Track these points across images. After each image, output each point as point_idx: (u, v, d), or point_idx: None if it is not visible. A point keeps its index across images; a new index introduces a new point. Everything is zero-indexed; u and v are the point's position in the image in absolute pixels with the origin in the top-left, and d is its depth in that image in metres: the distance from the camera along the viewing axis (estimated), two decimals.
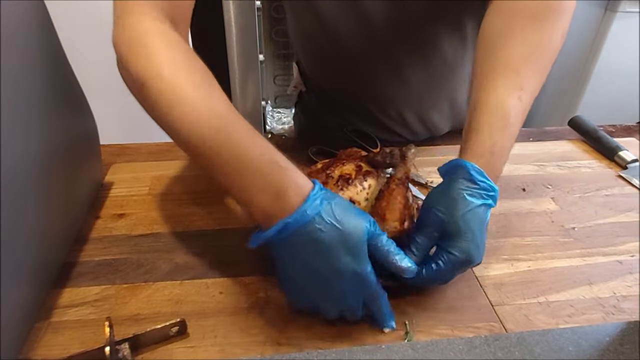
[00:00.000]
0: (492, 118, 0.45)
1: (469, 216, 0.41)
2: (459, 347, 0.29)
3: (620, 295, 0.46)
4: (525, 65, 0.46)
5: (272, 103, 1.92)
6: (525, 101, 0.46)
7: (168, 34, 0.43)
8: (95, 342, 0.38)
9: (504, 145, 0.45)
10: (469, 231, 0.41)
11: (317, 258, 0.37)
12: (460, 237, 0.41)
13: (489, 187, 0.43)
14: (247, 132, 0.41)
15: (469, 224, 0.41)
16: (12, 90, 0.39)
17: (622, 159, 0.67)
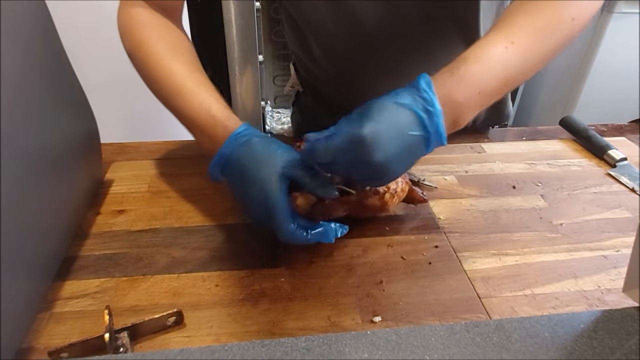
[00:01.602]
0: (468, 54, 0.43)
1: (386, 106, 0.39)
2: (441, 333, 0.30)
3: (604, 288, 0.48)
4: (521, 26, 0.45)
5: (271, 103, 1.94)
6: (511, 53, 0.43)
7: (153, 19, 0.56)
8: (95, 332, 0.40)
9: (470, 74, 0.42)
10: (375, 113, 0.38)
11: (242, 184, 0.46)
12: (362, 114, 0.39)
13: (428, 99, 0.39)
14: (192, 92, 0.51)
15: (380, 109, 0.38)
16: (13, 89, 0.41)
17: (611, 157, 0.68)
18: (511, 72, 0.44)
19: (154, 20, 0.56)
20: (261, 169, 0.44)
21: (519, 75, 0.45)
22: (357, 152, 0.39)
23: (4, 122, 0.38)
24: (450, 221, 0.57)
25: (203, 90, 0.51)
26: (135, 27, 0.55)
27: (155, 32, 0.55)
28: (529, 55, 0.45)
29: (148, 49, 0.54)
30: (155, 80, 0.53)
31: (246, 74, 1.61)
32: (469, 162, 0.69)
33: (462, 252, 0.52)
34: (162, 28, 0.56)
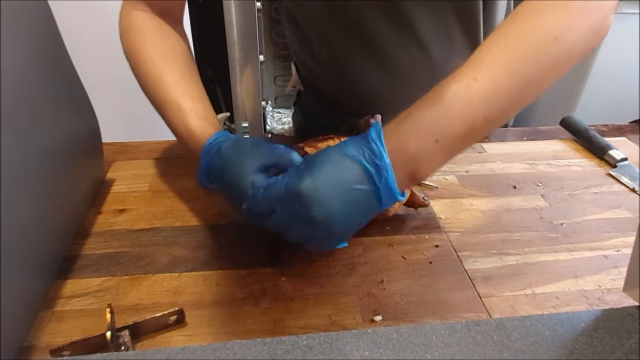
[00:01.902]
0: (425, 96, 0.39)
1: (332, 158, 0.36)
2: (441, 331, 0.30)
3: (604, 287, 0.48)
4: (491, 59, 0.39)
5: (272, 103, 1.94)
6: (475, 90, 0.37)
7: (150, 23, 0.56)
8: (96, 330, 0.40)
9: (423, 121, 0.38)
10: (318, 165, 0.36)
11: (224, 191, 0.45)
12: (307, 166, 0.37)
13: (377, 152, 0.36)
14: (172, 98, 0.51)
15: (324, 161, 0.36)
16: (15, 88, 0.41)
17: (611, 157, 0.69)
18: (476, 113, 0.37)
19: (151, 25, 0.56)
20: (233, 176, 0.42)
21: (491, 115, 0.38)
22: (296, 206, 0.36)
23: (6, 121, 0.38)
24: (450, 221, 0.57)
25: (186, 101, 0.51)
26: (133, 30, 0.56)
27: (150, 37, 0.55)
28: (501, 91, 0.38)
29: (142, 54, 0.54)
30: (145, 87, 0.54)
31: (247, 74, 1.61)
32: (469, 161, 0.70)
33: (463, 252, 0.52)
34: (159, 33, 0.56)
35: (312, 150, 0.49)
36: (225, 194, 0.46)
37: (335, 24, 0.63)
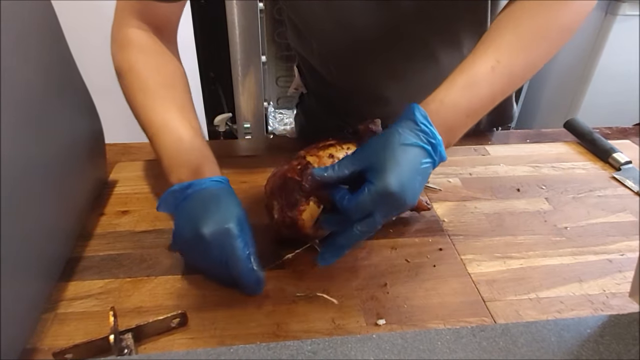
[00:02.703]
0: (457, 76, 0.46)
1: (398, 151, 0.42)
2: (447, 337, 0.30)
3: (609, 292, 0.47)
4: (508, 43, 0.46)
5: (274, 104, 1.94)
6: (498, 72, 0.45)
7: (144, 41, 0.55)
8: (99, 333, 0.40)
9: (459, 102, 0.45)
10: (394, 164, 0.41)
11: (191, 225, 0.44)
12: (383, 168, 0.41)
13: (429, 132, 0.43)
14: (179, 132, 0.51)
15: (396, 157, 0.41)
16: (19, 90, 0.41)
17: (615, 160, 0.68)
18: (496, 89, 0.46)
19: (150, 46, 0.55)
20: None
21: (508, 89, 0.47)
22: (391, 204, 0.42)
23: (10, 122, 0.38)
24: (454, 224, 0.57)
25: (187, 130, 0.52)
26: (130, 47, 0.55)
27: (151, 59, 0.55)
28: (516, 69, 0.47)
29: (138, 79, 0.53)
30: (140, 108, 0.53)
31: (249, 74, 1.61)
32: (473, 164, 0.69)
33: (467, 255, 0.52)
34: (158, 57, 0.56)
35: (314, 159, 0.48)
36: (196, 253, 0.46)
37: (332, 24, 0.63)
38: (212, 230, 0.43)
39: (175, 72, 0.56)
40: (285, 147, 0.74)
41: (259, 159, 0.71)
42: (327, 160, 0.48)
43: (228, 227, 0.43)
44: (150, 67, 0.54)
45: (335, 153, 0.49)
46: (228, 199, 0.47)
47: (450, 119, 0.45)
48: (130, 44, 0.54)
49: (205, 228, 0.43)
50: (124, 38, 0.55)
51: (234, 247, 0.43)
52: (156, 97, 0.53)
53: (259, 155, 0.73)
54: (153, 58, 0.55)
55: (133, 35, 0.55)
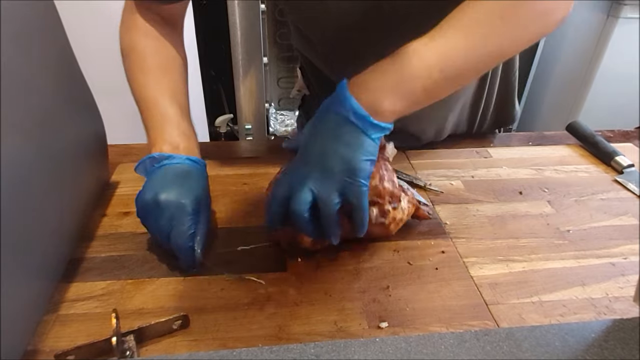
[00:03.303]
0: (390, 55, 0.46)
1: (312, 121, 0.46)
2: (450, 341, 0.30)
3: (612, 296, 0.47)
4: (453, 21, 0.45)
5: (275, 105, 1.94)
6: (431, 47, 0.44)
7: (148, 26, 0.59)
8: (101, 335, 0.40)
9: (380, 65, 0.45)
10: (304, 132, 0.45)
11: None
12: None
13: (340, 94, 0.44)
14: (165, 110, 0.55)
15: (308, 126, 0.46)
16: (22, 90, 0.41)
17: (618, 163, 0.68)
18: (431, 65, 0.44)
19: (152, 32, 0.59)
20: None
21: (447, 68, 0.44)
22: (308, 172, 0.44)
23: (13, 123, 0.38)
24: (456, 226, 0.57)
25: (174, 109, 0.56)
26: (135, 31, 0.59)
27: (151, 42, 0.59)
28: (456, 48, 0.44)
29: (139, 58, 0.58)
30: (135, 86, 0.58)
31: (250, 75, 1.61)
32: (475, 167, 0.69)
33: (469, 258, 0.52)
34: (158, 42, 0.59)
35: None
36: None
37: (332, 24, 0.63)
38: (167, 199, 0.47)
39: (173, 57, 0.60)
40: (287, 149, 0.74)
41: (260, 160, 0.70)
42: None
43: (183, 202, 0.47)
44: (150, 49, 0.58)
45: None
46: (196, 179, 0.51)
47: (370, 79, 0.45)
48: (136, 27, 0.59)
49: (162, 195, 0.47)
50: (130, 21, 0.59)
51: (181, 222, 0.46)
52: (152, 76, 0.57)
53: (260, 156, 0.72)
54: (154, 41, 0.59)
55: (139, 20, 0.59)
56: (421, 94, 0.45)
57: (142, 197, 0.48)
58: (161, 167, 0.50)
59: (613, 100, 1.64)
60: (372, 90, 0.44)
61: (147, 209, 0.48)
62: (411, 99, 0.45)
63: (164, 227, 0.47)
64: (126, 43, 0.59)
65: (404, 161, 0.70)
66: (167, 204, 0.47)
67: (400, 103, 0.44)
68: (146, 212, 0.48)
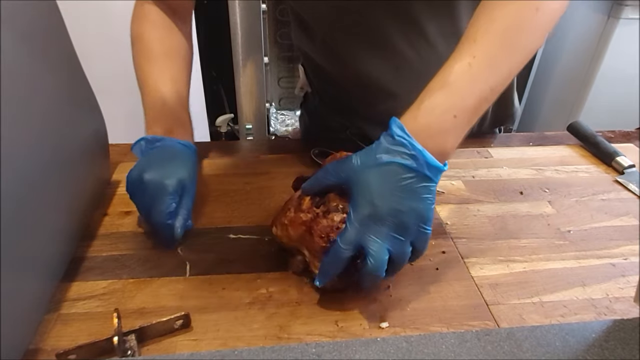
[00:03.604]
0: (434, 79, 0.44)
1: (372, 174, 0.40)
2: (451, 341, 0.30)
3: (612, 296, 0.47)
4: (484, 36, 0.44)
5: (276, 105, 1.94)
6: (476, 67, 0.43)
7: (156, 16, 0.62)
8: (102, 334, 0.40)
9: (439, 103, 0.42)
10: (367, 185, 0.40)
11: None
12: (357, 192, 0.40)
13: (406, 143, 0.40)
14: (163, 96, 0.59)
15: (369, 177, 0.40)
16: (25, 90, 0.41)
17: (619, 164, 0.68)
18: (482, 86, 0.43)
19: (159, 22, 0.63)
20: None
21: (495, 84, 0.44)
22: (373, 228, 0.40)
23: (14, 122, 0.38)
24: (457, 227, 0.57)
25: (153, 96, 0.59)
26: (143, 19, 0.63)
27: (157, 32, 0.62)
28: (499, 63, 0.44)
29: (144, 47, 0.61)
30: (137, 74, 0.61)
31: (251, 75, 1.61)
32: (476, 167, 0.69)
33: (470, 258, 0.52)
34: (164, 31, 0.63)
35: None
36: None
37: (341, 20, 0.63)
38: (150, 178, 0.50)
39: (178, 47, 0.64)
40: (286, 148, 0.74)
41: (260, 160, 0.71)
42: None
43: (164, 182, 0.50)
44: (156, 38, 0.62)
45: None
46: (182, 162, 0.53)
47: (433, 122, 0.42)
48: (144, 17, 0.63)
49: (146, 175, 0.50)
50: (140, 11, 0.63)
51: (161, 201, 0.49)
52: (155, 63, 0.60)
53: (261, 156, 0.72)
54: (160, 31, 0.62)
55: (148, 10, 0.63)
56: (475, 117, 0.44)
57: (130, 175, 0.52)
58: (153, 148, 0.54)
59: (614, 101, 1.64)
60: (436, 134, 0.42)
61: (134, 187, 0.51)
62: (470, 125, 0.44)
63: (147, 204, 0.50)
64: (135, 32, 0.63)
65: None
66: (149, 183, 0.49)
67: (462, 134, 0.43)
68: (133, 189, 0.52)
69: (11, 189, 0.37)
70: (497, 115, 0.78)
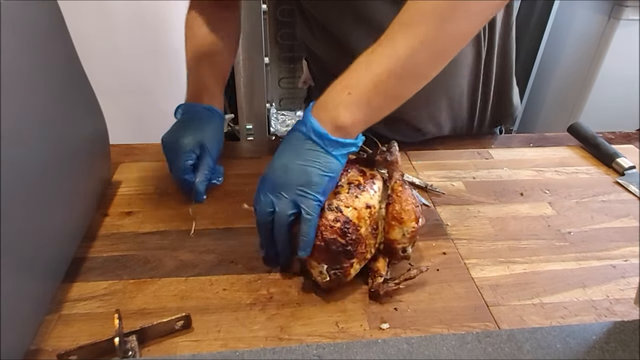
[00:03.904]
0: None
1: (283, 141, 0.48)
2: (452, 342, 0.30)
3: (613, 298, 0.47)
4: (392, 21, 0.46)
5: (276, 105, 1.94)
6: (376, 53, 0.45)
7: (202, 9, 0.70)
8: (103, 335, 0.40)
9: (337, 81, 0.46)
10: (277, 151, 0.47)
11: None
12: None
13: (304, 116, 0.47)
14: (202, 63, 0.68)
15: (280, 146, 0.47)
16: (27, 90, 0.41)
17: (619, 165, 0.68)
18: (378, 70, 0.45)
19: (203, 14, 0.70)
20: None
21: (394, 68, 0.45)
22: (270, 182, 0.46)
23: (16, 122, 0.38)
24: (457, 228, 0.57)
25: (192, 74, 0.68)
26: (191, 12, 0.71)
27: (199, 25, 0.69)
28: (397, 47, 0.45)
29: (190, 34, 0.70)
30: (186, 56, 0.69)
31: (251, 75, 1.61)
32: (476, 168, 0.69)
33: (470, 260, 0.52)
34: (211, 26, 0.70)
35: (351, 212, 0.45)
36: None
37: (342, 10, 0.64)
38: (168, 139, 0.59)
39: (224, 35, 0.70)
40: None
41: (261, 161, 0.71)
42: (364, 212, 0.46)
43: (180, 141, 0.58)
44: (198, 28, 0.69)
45: (369, 200, 0.47)
46: (202, 124, 0.61)
47: (329, 98, 0.46)
48: (193, 8, 0.71)
49: (166, 136, 0.59)
50: (191, 2, 0.71)
51: (178, 157, 0.57)
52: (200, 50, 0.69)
53: (262, 156, 0.73)
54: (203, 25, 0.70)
55: (196, 7, 0.71)
56: (376, 98, 0.46)
57: (162, 139, 0.60)
58: (184, 113, 0.63)
59: (614, 102, 1.64)
60: (331, 108, 0.46)
61: (163, 148, 0.60)
62: (369, 106, 0.46)
63: (170, 162, 0.59)
64: (186, 20, 0.71)
65: (406, 162, 0.70)
66: (167, 144, 0.59)
67: (358, 112, 0.46)
68: (163, 150, 0.60)
69: (12, 189, 0.37)
70: (496, 115, 0.78)
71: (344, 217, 0.45)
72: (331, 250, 0.43)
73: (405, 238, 0.47)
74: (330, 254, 0.44)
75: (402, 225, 0.46)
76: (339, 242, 0.44)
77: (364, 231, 0.45)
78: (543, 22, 1.62)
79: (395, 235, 0.47)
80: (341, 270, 0.44)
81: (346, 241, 0.44)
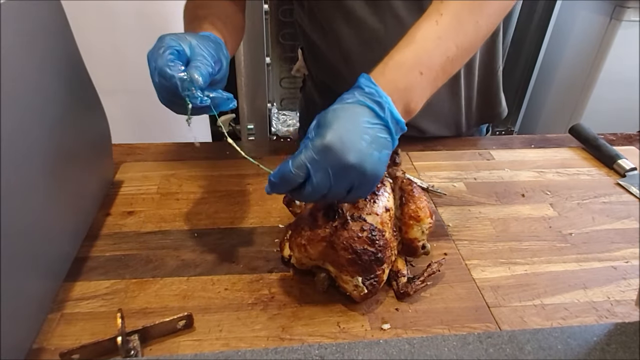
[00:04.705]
0: (402, 39, 0.44)
1: (339, 110, 0.40)
2: (453, 343, 0.30)
3: (614, 299, 0.47)
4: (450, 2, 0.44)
5: (277, 105, 1.94)
6: (442, 26, 0.43)
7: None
8: (105, 334, 0.40)
9: (405, 59, 0.43)
10: (334, 119, 0.39)
11: None
12: (321, 125, 0.39)
13: (374, 92, 0.40)
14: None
15: (337, 114, 0.39)
16: (29, 90, 0.41)
17: (621, 167, 0.68)
18: (448, 44, 0.43)
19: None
20: None
21: (461, 43, 0.44)
22: (329, 159, 0.38)
23: (19, 123, 0.39)
24: (459, 229, 0.57)
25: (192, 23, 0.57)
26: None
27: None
28: (464, 21, 0.44)
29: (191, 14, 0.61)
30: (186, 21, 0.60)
31: (253, 75, 1.61)
32: (477, 169, 0.69)
33: (471, 260, 0.52)
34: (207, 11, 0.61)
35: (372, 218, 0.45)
36: None
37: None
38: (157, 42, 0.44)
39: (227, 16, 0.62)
40: (288, 149, 0.74)
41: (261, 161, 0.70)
42: (385, 216, 0.46)
43: (163, 36, 0.45)
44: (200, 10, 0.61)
45: (386, 204, 0.47)
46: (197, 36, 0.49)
47: (399, 78, 0.42)
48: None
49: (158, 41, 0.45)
50: None
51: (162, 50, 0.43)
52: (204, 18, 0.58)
53: (263, 156, 0.73)
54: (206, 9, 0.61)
55: None
56: (443, 76, 0.44)
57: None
58: None
59: (616, 103, 1.64)
60: (402, 88, 0.42)
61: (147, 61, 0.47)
62: (435, 86, 0.44)
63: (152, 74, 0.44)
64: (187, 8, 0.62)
65: (407, 163, 0.71)
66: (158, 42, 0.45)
67: (428, 95, 0.43)
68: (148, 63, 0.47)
69: (14, 188, 0.37)
70: (483, 113, 0.78)
71: (369, 224, 0.44)
72: (363, 260, 0.43)
73: (424, 235, 0.48)
74: (363, 264, 0.43)
75: (420, 222, 0.47)
76: (369, 250, 0.43)
77: (388, 235, 0.46)
78: (544, 23, 1.62)
79: (415, 234, 0.47)
80: (376, 279, 0.44)
81: (376, 248, 0.43)
